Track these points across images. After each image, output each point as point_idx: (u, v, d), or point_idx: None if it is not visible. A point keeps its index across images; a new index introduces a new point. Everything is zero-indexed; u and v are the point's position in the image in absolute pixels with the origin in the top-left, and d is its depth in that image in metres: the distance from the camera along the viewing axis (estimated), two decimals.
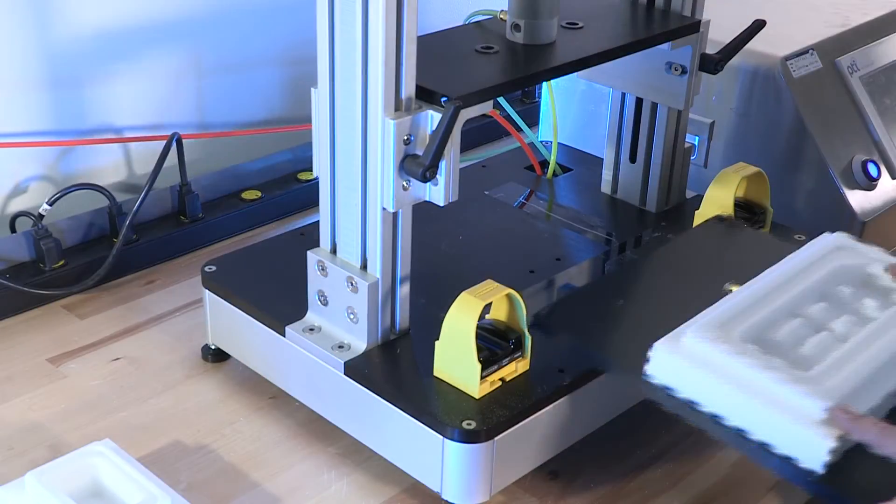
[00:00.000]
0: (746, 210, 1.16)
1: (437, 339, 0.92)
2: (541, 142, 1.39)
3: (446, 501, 0.92)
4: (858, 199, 1.27)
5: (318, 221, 0.98)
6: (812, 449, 0.78)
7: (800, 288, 0.93)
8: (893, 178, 1.33)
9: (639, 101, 1.22)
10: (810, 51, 1.32)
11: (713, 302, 0.90)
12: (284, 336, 1.00)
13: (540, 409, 0.92)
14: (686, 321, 0.87)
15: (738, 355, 0.83)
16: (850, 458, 0.78)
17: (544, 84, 1.43)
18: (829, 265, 0.96)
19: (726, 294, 0.93)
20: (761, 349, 0.84)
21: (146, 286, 1.25)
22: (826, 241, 1.00)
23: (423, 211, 0.96)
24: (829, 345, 0.86)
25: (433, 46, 0.99)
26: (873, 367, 0.83)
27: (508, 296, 0.93)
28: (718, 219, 1.13)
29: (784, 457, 0.79)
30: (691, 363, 0.84)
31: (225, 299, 1.06)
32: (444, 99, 0.88)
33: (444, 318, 0.91)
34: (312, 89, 0.93)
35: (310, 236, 1.10)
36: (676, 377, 0.84)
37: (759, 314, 0.88)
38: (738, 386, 0.81)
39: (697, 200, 1.19)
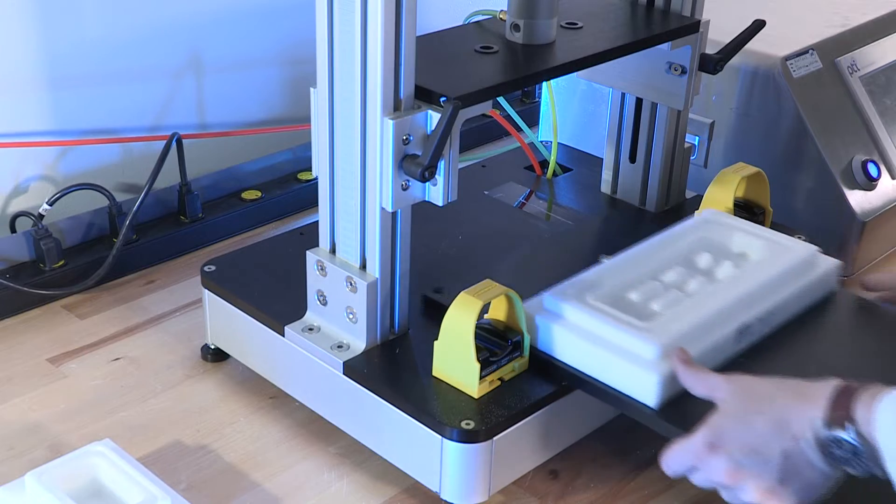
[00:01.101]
0: (746, 210, 1.16)
1: (437, 339, 0.92)
2: (541, 142, 1.39)
3: (445, 501, 0.92)
4: (858, 199, 1.27)
5: (317, 221, 0.98)
6: (646, 387, 0.89)
7: (663, 256, 1.04)
8: (893, 178, 1.33)
9: (639, 101, 1.22)
10: (810, 51, 1.32)
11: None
12: (284, 336, 1.00)
13: (539, 409, 0.92)
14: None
15: (586, 311, 0.94)
16: (684, 396, 0.88)
17: (544, 84, 1.43)
18: (694, 236, 1.08)
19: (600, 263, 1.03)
20: (614, 307, 0.95)
21: (146, 286, 1.25)
22: (699, 217, 1.11)
23: (422, 211, 0.96)
24: (676, 300, 0.97)
25: (432, 46, 1.00)
26: (706, 316, 0.94)
27: (507, 295, 0.93)
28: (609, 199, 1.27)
29: (626, 396, 0.90)
30: (549, 321, 0.94)
31: (224, 299, 1.06)
32: (442, 99, 0.89)
33: (443, 317, 0.91)
34: (312, 89, 0.93)
35: (309, 236, 1.10)
36: (538, 335, 0.95)
37: (619, 278, 1.00)
38: (587, 338, 0.92)
39: (697, 200, 1.19)
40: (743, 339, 0.95)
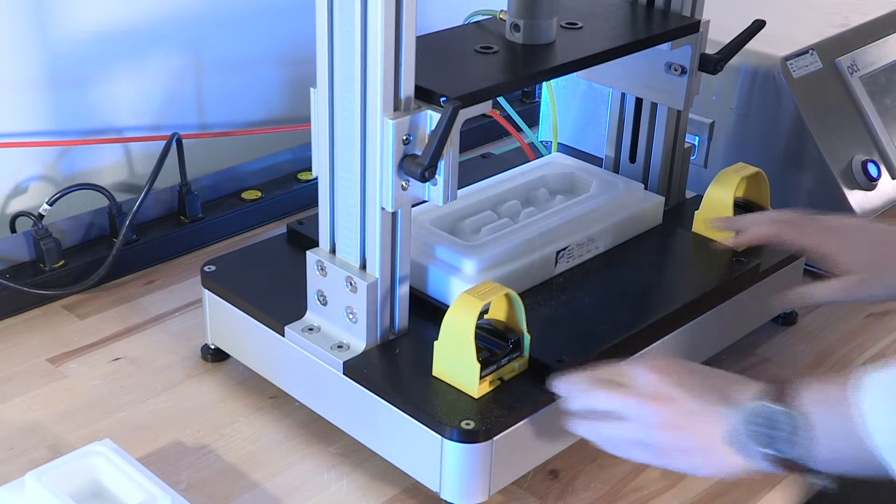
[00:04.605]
0: (746, 210, 1.16)
1: (437, 339, 0.92)
2: (541, 142, 1.39)
3: (445, 501, 0.92)
4: (858, 199, 1.27)
5: (316, 215, 0.98)
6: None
7: (502, 190, 1.15)
8: (893, 178, 1.33)
9: (639, 101, 1.22)
10: (810, 51, 1.32)
11: None
12: (284, 336, 1.00)
13: (539, 409, 0.92)
14: None
15: (421, 232, 1.04)
16: None
17: (544, 84, 1.43)
18: (535, 175, 1.19)
19: None
20: (447, 231, 1.06)
21: (146, 286, 1.25)
22: (542, 159, 1.24)
23: None
24: (503, 226, 1.08)
25: (432, 46, 0.99)
26: (526, 239, 1.05)
27: (507, 295, 0.93)
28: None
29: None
30: None
31: (224, 299, 1.06)
32: (442, 99, 0.89)
33: (443, 317, 0.91)
34: (312, 89, 0.93)
35: (307, 227, 1.12)
36: None
37: (459, 207, 1.10)
38: (420, 256, 1.02)
39: (697, 200, 1.19)
40: (562, 262, 1.07)
